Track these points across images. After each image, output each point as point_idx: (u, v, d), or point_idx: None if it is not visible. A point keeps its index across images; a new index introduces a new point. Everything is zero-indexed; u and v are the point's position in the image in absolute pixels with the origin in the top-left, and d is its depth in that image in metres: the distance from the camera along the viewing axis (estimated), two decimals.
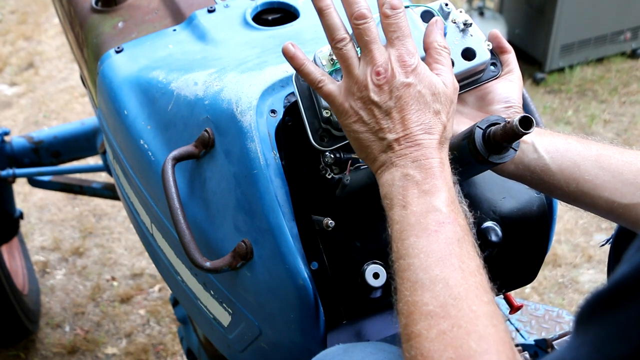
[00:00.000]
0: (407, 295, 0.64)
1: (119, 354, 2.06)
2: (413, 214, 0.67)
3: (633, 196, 0.79)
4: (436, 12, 0.80)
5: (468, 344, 0.59)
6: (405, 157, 0.70)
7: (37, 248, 2.47)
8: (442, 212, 0.67)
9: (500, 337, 0.61)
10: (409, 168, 0.69)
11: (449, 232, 0.66)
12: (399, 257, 0.67)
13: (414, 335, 0.62)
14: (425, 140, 0.70)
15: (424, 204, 0.67)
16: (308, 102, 0.80)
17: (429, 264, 0.64)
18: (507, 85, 0.83)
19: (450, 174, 0.70)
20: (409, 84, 0.70)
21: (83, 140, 2.05)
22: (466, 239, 0.67)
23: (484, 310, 0.62)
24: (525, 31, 3.37)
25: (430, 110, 0.71)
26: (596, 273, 2.26)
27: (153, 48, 1.12)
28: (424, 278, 0.64)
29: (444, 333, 0.60)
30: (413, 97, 0.70)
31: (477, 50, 0.80)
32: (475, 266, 0.65)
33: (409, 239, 0.66)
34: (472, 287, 0.63)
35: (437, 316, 0.61)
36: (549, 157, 0.80)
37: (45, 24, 4.06)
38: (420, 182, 0.68)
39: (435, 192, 0.67)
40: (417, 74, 0.71)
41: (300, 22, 1.10)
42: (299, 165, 0.85)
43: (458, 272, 0.64)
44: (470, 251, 0.66)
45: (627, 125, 3.02)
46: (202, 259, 0.82)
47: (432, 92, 0.71)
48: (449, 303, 0.62)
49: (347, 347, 0.75)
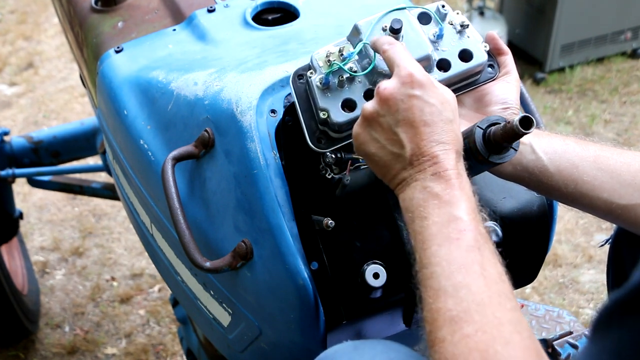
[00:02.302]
0: (431, 303, 0.64)
1: (118, 354, 2.06)
2: (434, 224, 0.67)
3: (631, 197, 0.79)
4: (433, 13, 0.80)
5: (494, 348, 0.59)
6: (424, 171, 0.70)
7: (36, 248, 2.47)
8: (462, 220, 0.67)
9: (526, 344, 0.60)
10: (428, 181, 0.69)
11: (470, 239, 0.66)
12: (422, 266, 0.67)
13: (438, 340, 0.62)
14: (441, 152, 0.70)
15: (444, 214, 0.67)
16: (305, 104, 0.80)
17: (452, 271, 0.64)
18: (505, 86, 0.83)
19: (468, 184, 0.70)
20: (414, 96, 0.70)
21: (83, 140, 2.05)
22: (487, 246, 0.67)
23: (508, 317, 0.61)
24: (525, 31, 3.37)
25: (442, 119, 0.70)
26: (597, 273, 2.26)
27: (153, 48, 1.12)
28: (446, 285, 0.64)
29: (468, 337, 0.60)
30: (421, 108, 0.70)
31: (474, 51, 0.80)
32: (497, 273, 0.65)
33: (431, 248, 0.66)
34: (495, 294, 0.63)
35: (460, 321, 0.61)
36: (547, 158, 0.80)
37: (44, 24, 4.06)
38: (440, 194, 0.68)
39: (455, 202, 0.68)
40: (423, 86, 0.71)
41: (300, 22, 1.10)
42: (299, 165, 0.85)
43: (480, 279, 0.63)
44: (491, 258, 0.66)
45: (627, 125, 3.02)
46: (202, 259, 0.82)
47: (441, 101, 0.71)
48: (473, 309, 0.61)
49: (357, 345, 0.75)
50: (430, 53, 0.78)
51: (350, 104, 0.77)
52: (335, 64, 0.77)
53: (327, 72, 0.77)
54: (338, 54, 0.78)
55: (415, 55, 0.77)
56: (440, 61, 0.80)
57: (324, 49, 0.79)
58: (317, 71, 0.78)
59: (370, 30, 0.78)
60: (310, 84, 0.78)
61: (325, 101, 0.77)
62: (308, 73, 0.79)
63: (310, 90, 0.79)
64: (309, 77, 0.78)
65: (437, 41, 0.80)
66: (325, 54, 0.78)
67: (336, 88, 0.78)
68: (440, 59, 0.80)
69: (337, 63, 0.77)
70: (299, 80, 0.81)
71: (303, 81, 0.81)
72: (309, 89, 0.79)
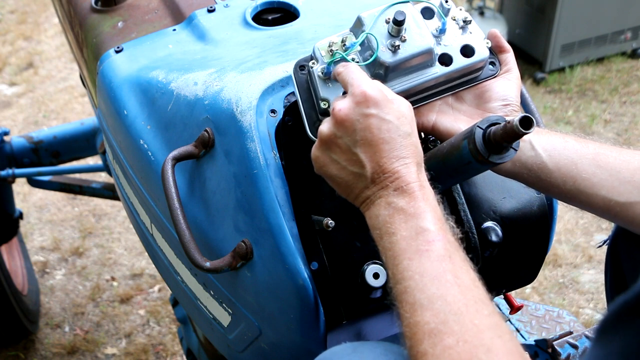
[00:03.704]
0: (408, 317, 0.64)
1: (118, 354, 2.06)
2: (403, 238, 0.68)
3: (630, 194, 0.79)
4: (437, 8, 0.80)
5: (477, 357, 0.58)
6: (387, 187, 0.70)
7: (36, 248, 2.47)
8: (430, 231, 0.67)
9: (508, 348, 0.60)
10: (391, 197, 0.70)
11: (440, 249, 0.66)
12: (396, 282, 0.67)
13: (420, 354, 0.61)
14: (402, 167, 0.70)
15: (411, 228, 0.68)
16: (306, 94, 0.80)
17: (425, 283, 0.64)
18: (505, 83, 0.84)
19: (432, 194, 0.71)
20: (370, 115, 0.70)
21: (83, 140, 2.05)
22: (457, 254, 0.67)
23: (486, 323, 0.61)
24: (525, 31, 3.37)
25: (400, 134, 0.71)
26: (596, 273, 2.26)
27: (153, 48, 1.12)
28: (421, 298, 0.64)
29: (450, 348, 0.60)
30: (378, 127, 0.70)
31: (476, 47, 0.80)
32: (470, 280, 0.65)
33: (402, 263, 0.66)
34: (471, 301, 0.63)
35: (440, 333, 0.61)
36: (547, 155, 0.80)
37: (44, 24, 4.06)
38: (405, 207, 0.69)
39: (420, 213, 0.68)
40: (377, 103, 0.71)
41: (300, 22, 1.10)
42: (299, 165, 0.85)
43: (454, 287, 0.63)
44: (463, 266, 0.66)
45: (627, 125, 3.02)
46: (202, 259, 0.82)
47: (397, 116, 0.71)
48: (450, 319, 0.61)
49: (356, 346, 0.75)
50: (432, 46, 0.78)
51: None
52: (337, 53, 0.77)
53: (329, 62, 0.77)
54: (341, 44, 0.78)
55: (418, 49, 0.77)
56: (442, 56, 0.80)
57: (326, 39, 0.79)
58: (319, 61, 0.78)
59: (373, 22, 0.78)
60: (312, 74, 0.78)
61: (326, 91, 0.77)
62: (310, 63, 0.79)
63: (312, 81, 0.79)
64: (311, 67, 0.78)
65: (440, 36, 0.80)
66: (328, 43, 0.78)
67: None
68: (442, 54, 0.80)
69: (339, 52, 0.77)
70: (301, 71, 0.81)
71: (305, 72, 0.81)
72: (311, 79, 0.79)
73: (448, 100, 0.85)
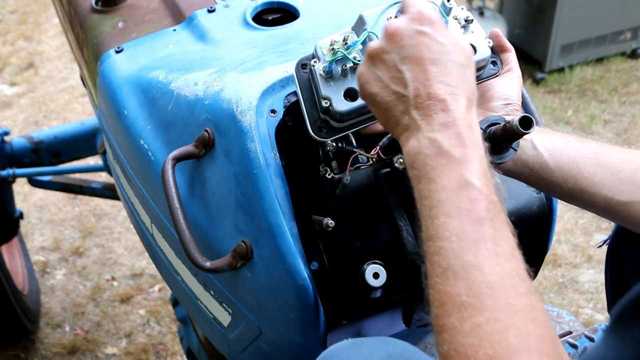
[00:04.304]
0: (439, 283, 0.59)
1: (119, 354, 2.06)
2: (443, 188, 0.61)
3: (631, 194, 0.79)
4: (439, 7, 0.81)
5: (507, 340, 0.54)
6: (431, 118, 0.63)
7: (37, 248, 2.47)
8: (474, 186, 0.61)
9: (541, 333, 0.55)
10: (435, 132, 0.63)
11: (482, 210, 0.60)
12: (429, 237, 0.62)
13: (447, 328, 0.57)
14: (449, 96, 0.63)
15: (454, 177, 0.61)
16: (308, 92, 0.80)
17: (462, 248, 0.59)
18: (507, 83, 0.84)
19: (480, 137, 0.64)
20: (423, 32, 0.65)
21: (83, 141, 2.05)
22: (500, 217, 0.61)
23: (522, 302, 0.57)
24: (525, 31, 3.37)
25: (453, 60, 0.65)
26: (596, 273, 2.26)
27: (153, 48, 1.12)
28: (455, 265, 0.58)
29: (479, 326, 0.55)
30: (429, 46, 0.65)
31: (477, 46, 0.80)
32: (510, 249, 0.60)
33: (439, 219, 0.61)
34: (509, 274, 0.58)
35: (471, 307, 0.56)
36: (548, 154, 0.80)
37: (45, 24, 4.06)
38: (450, 151, 0.62)
39: (466, 162, 0.61)
40: (433, 23, 0.66)
41: (300, 22, 1.10)
42: (299, 165, 0.85)
43: (493, 257, 0.58)
44: (504, 231, 0.61)
45: (627, 125, 3.02)
46: (202, 259, 0.82)
47: (453, 43, 0.66)
48: (485, 293, 0.56)
49: (356, 342, 0.75)
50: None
51: (353, 94, 0.77)
52: (339, 52, 0.77)
53: (331, 60, 0.77)
54: (342, 42, 0.78)
55: None
56: None
57: (328, 38, 0.79)
58: (321, 60, 0.79)
59: (375, 21, 0.78)
60: (314, 73, 0.78)
61: (328, 90, 0.78)
62: (312, 62, 0.79)
63: (314, 79, 0.79)
64: (313, 66, 0.79)
65: None
66: (330, 42, 0.78)
67: (339, 77, 0.78)
68: None
69: (341, 51, 0.77)
70: (303, 69, 0.81)
71: (306, 70, 0.81)
72: (312, 78, 0.79)
73: None
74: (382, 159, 0.85)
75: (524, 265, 0.60)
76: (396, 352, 0.73)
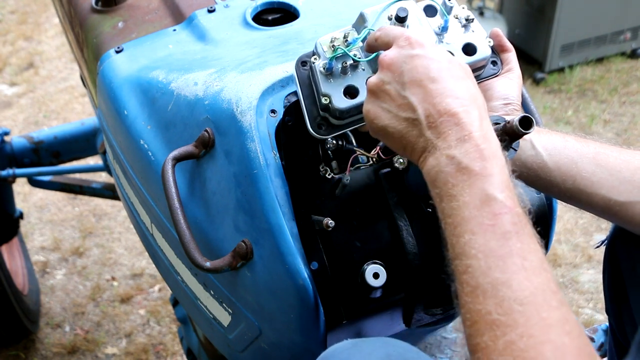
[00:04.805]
0: (469, 302, 0.59)
1: (119, 354, 2.06)
2: (465, 205, 0.60)
3: (630, 194, 0.79)
4: (439, 6, 0.81)
5: (543, 355, 0.53)
6: (446, 135, 0.62)
7: (37, 248, 2.47)
8: (496, 200, 0.59)
9: (577, 345, 0.55)
10: (453, 149, 0.62)
11: (507, 224, 0.59)
12: (455, 256, 0.61)
13: (480, 347, 0.56)
14: (460, 109, 0.63)
15: (476, 192, 0.60)
16: (307, 90, 0.80)
17: (489, 265, 0.58)
18: (507, 82, 0.84)
19: (500, 151, 0.63)
20: (416, 55, 0.66)
21: (83, 141, 2.05)
22: (525, 230, 0.60)
23: (555, 316, 0.56)
24: (525, 31, 3.37)
25: (452, 75, 0.65)
26: (596, 273, 2.26)
27: (153, 48, 1.12)
28: (484, 283, 0.58)
29: (513, 343, 0.54)
30: (426, 65, 0.65)
31: (478, 46, 0.80)
32: (538, 262, 0.59)
33: (464, 236, 0.60)
34: (539, 289, 0.57)
35: (502, 325, 0.55)
36: (547, 154, 0.80)
37: (45, 24, 4.06)
38: (470, 166, 0.61)
39: (486, 175, 0.60)
40: (423, 45, 0.67)
41: (300, 22, 1.10)
42: (299, 165, 0.85)
43: (521, 272, 0.57)
44: (531, 244, 0.59)
45: (627, 125, 3.02)
46: (202, 259, 0.82)
47: (448, 59, 0.66)
48: (515, 310, 0.56)
49: (356, 342, 0.75)
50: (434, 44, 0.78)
51: (353, 91, 0.77)
52: (339, 49, 0.77)
53: (331, 57, 0.77)
54: (343, 39, 0.78)
55: None
56: None
57: (328, 35, 0.79)
58: (321, 57, 0.79)
59: (376, 18, 0.78)
60: (314, 70, 0.78)
61: (327, 87, 0.78)
62: (312, 59, 0.79)
63: (313, 76, 0.79)
64: (313, 63, 0.79)
65: (442, 34, 0.80)
66: (330, 39, 0.78)
67: (339, 74, 0.78)
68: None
69: (341, 48, 0.77)
70: (303, 67, 0.81)
71: (306, 67, 0.81)
72: (312, 75, 0.79)
73: None
74: (382, 158, 0.85)
75: (554, 277, 0.59)
76: (395, 352, 0.73)
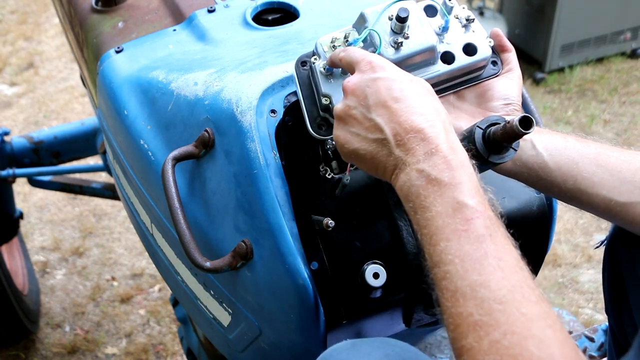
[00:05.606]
0: (450, 307, 0.60)
1: (119, 354, 2.06)
2: (439, 215, 0.62)
3: (631, 194, 0.79)
4: (440, 6, 0.80)
5: (528, 350, 0.54)
6: (414, 151, 0.65)
7: (37, 248, 2.47)
8: (467, 206, 0.61)
9: (560, 338, 0.56)
10: (421, 163, 0.64)
11: (480, 227, 0.61)
12: (434, 264, 0.62)
13: (465, 349, 0.57)
14: (425, 125, 0.65)
15: (447, 201, 0.62)
16: (307, 90, 0.80)
17: (466, 269, 0.59)
18: (507, 83, 0.84)
19: (466, 157, 0.65)
20: (378, 78, 0.68)
21: (83, 141, 2.05)
22: (499, 232, 0.62)
23: (535, 311, 0.57)
24: (525, 31, 3.37)
25: (414, 93, 0.67)
26: (596, 273, 2.26)
27: (153, 48, 1.12)
28: (463, 286, 0.59)
29: (497, 342, 0.55)
30: (388, 87, 0.67)
31: (478, 46, 0.80)
32: (513, 261, 0.60)
33: (440, 244, 0.61)
34: (517, 286, 0.58)
35: (485, 325, 0.56)
36: (547, 154, 0.80)
37: (45, 24, 4.06)
38: (438, 177, 0.63)
39: (455, 184, 0.62)
40: (384, 67, 0.69)
41: (300, 22, 1.10)
42: (299, 165, 0.85)
43: (498, 272, 0.58)
44: (505, 245, 0.61)
45: (627, 125, 3.02)
46: (202, 259, 0.82)
47: (410, 79, 0.69)
48: (496, 309, 0.57)
49: (355, 342, 0.75)
50: (435, 44, 0.78)
51: None
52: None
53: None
54: (343, 39, 0.78)
55: (420, 46, 0.77)
56: (445, 54, 0.80)
57: (329, 35, 0.79)
58: (322, 57, 0.78)
59: (376, 18, 0.78)
60: (314, 70, 0.78)
61: (328, 87, 0.78)
62: (312, 59, 0.79)
63: (314, 76, 0.79)
64: (313, 63, 0.79)
65: (442, 34, 0.80)
66: (330, 39, 0.78)
67: (339, 75, 0.78)
68: (445, 52, 0.80)
69: (341, 48, 0.77)
70: (303, 67, 0.81)
71: (306, 68, 0.81)
72: (312, 75, 0.79)
73: (449, 98, 0.85)
74: None
75: (531, 275, 0.61)
76: (394, 352, 0.73)
